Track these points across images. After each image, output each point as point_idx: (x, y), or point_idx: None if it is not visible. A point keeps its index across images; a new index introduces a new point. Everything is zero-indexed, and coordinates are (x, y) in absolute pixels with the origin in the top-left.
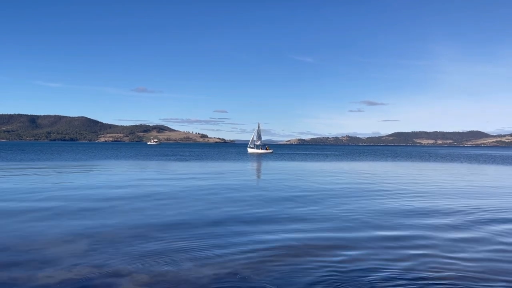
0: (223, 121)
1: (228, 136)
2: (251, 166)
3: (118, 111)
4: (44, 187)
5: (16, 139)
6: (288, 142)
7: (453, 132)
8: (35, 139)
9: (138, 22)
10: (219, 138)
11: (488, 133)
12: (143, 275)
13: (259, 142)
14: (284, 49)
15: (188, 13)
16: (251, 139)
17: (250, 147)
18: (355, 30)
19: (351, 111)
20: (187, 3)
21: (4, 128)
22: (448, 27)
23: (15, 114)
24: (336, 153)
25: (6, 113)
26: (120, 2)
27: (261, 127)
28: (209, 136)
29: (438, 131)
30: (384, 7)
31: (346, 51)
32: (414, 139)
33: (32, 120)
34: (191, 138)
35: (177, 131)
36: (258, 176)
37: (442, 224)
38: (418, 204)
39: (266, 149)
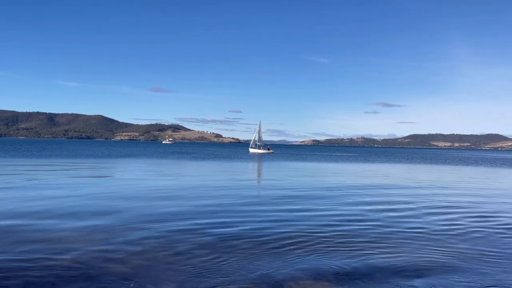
0: (238, 121)
1: (243, 136)
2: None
3: (134, 110)
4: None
5: (34, 137)
6: (303, 143)
7: (471, 135)
8: (53, 137)
9: (155, 22)
10: (233, 138)
11: (507, 136)
12: None
13: (260, 142)
14: (299, 49)
15: (203, 13)
16: (252, 139)
17: (252, 147)
18: (371, 30)
19: (366, 112)
20: (203, 3)
21: (23, 126)
22: (465, 28)
23: (34, 112)
24: (349, 154)
25: (25, 111)
26: (138, 2)
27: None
28: (223, 136)
29: (455, 133)
30: (401, 7)
31: (362, 52)
32: (430, 142)
33: (51, 118)
34: (205, 138)
35: (192, 130)
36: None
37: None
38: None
39: (268, 149)
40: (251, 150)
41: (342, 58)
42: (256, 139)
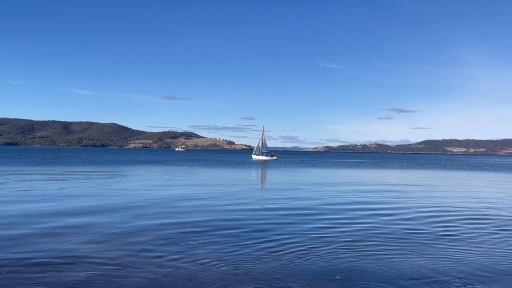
0: (250, 128)
1: (255, 143)
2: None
3: (147, 118)
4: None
5: (50, 145)
6: (315, 150)
7: (486, 140)
8: (68, 145)
9: (168, 29)
10: (245, 145)
11: None
12: None
13: (264, 149)
14: (310, 56)
15: (215, 19)
16: (256, 145)
17: (255, 154)
18: (382, 35)
19: (379, 118)
20: (214, 9)
21: (39, 134)
22: (478, 32)
23: (49, 120)
24: (363, 161)
25: (41, 120)
26: (151, 10)
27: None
28: (236, 142)
29: (470, 139)
30: (412, 11)
31: (373, 57)
32: (445, 147)
33: (65, 126)
34: (218, 145)
35: (205, 137)
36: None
37: None
38: None
39: (271, 156)
40: (254, 157)
41: (353, 64)
42: (260, 145)
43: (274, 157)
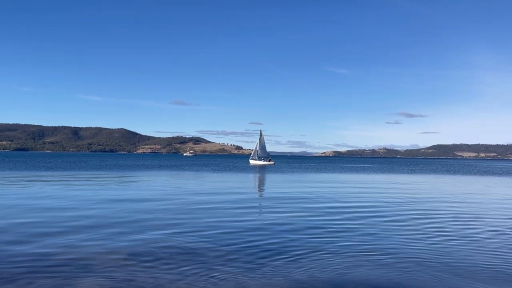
0: (258, 133)
1: None
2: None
3: (156, 123)
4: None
5: (60, 150)
6: (323, 154)
7: (497, 145)
8: (77, 150)
9: (175, 35)
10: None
11: None
12: None
13: (261, 153)
14: (318, 61)
15: (222, 25)
16: (254, 149)
17: (252, 159)
18: (391, 40)
19: (388, 123)
20: (222, 15)
21: (49, 140)
22: (487, 36)
23: (59, 126)
24: (372, 165)
25: (51, 125)
26: (159, 15)
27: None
28: (243, 147)
29: (480, 143)
30: (420, 16)
31: (382, 62)
32: (454, 152)
33: (75, 132)
34: (226, 150)
35: (213, 143)
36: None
37: None
38: None
39: (269, 160)
40: (251, 161)
41: (362, 69)
42: (258, 150)
43: (271, 162)
